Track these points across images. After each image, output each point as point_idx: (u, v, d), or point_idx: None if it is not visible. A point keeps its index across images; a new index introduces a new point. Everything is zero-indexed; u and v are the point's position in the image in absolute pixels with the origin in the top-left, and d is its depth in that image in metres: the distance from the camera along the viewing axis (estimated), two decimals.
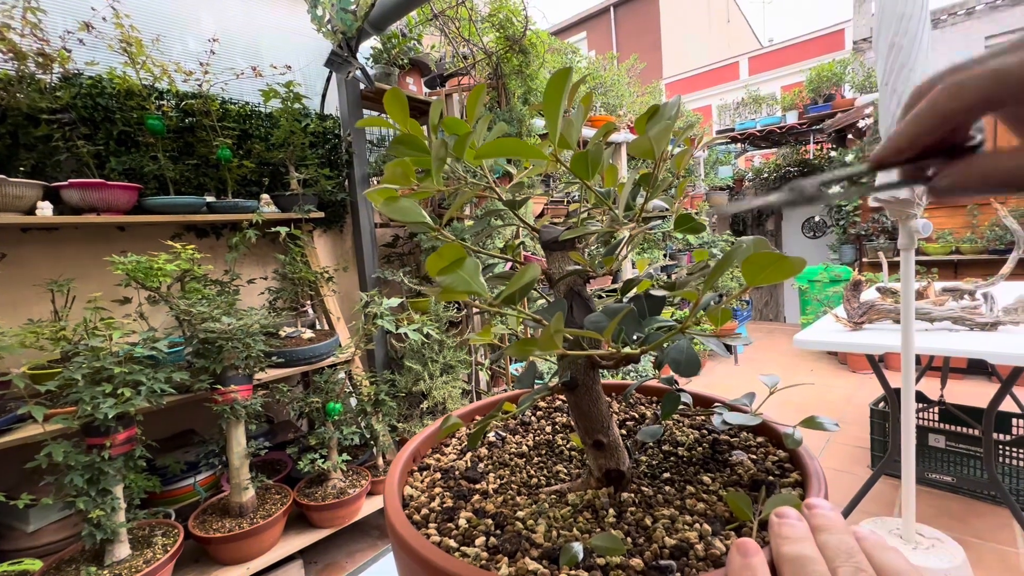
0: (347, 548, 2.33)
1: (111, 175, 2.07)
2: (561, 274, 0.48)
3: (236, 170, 2.34)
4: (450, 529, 0.44)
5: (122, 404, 1.53)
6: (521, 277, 0.30)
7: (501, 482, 0.53)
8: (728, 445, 0.55)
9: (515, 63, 2.83)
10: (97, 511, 1.52)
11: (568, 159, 0.43)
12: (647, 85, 5.32)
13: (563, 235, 0.43)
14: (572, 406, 0.49)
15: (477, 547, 0.41)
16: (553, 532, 0.43)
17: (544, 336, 0.29)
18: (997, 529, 2.16)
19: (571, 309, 0.47)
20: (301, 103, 2.48)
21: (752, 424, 0.49)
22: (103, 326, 1.67)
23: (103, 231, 2.16)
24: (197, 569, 1.83)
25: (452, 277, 0.32)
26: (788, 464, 0.49)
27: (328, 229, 2.93)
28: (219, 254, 2.47)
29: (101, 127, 2.06)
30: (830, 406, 3.77)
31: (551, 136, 0.38)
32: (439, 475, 0.54)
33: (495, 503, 0.48)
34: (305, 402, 2.15)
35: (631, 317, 0.38)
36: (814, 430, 0.48)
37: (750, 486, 0.47)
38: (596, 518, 0.46)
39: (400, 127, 0.42)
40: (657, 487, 0.49)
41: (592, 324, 0.38)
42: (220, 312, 1.86)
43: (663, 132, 0.34)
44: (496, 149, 0.36)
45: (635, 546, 0.40)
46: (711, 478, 0.49)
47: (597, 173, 0.40)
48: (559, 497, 0.50)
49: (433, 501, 0.49)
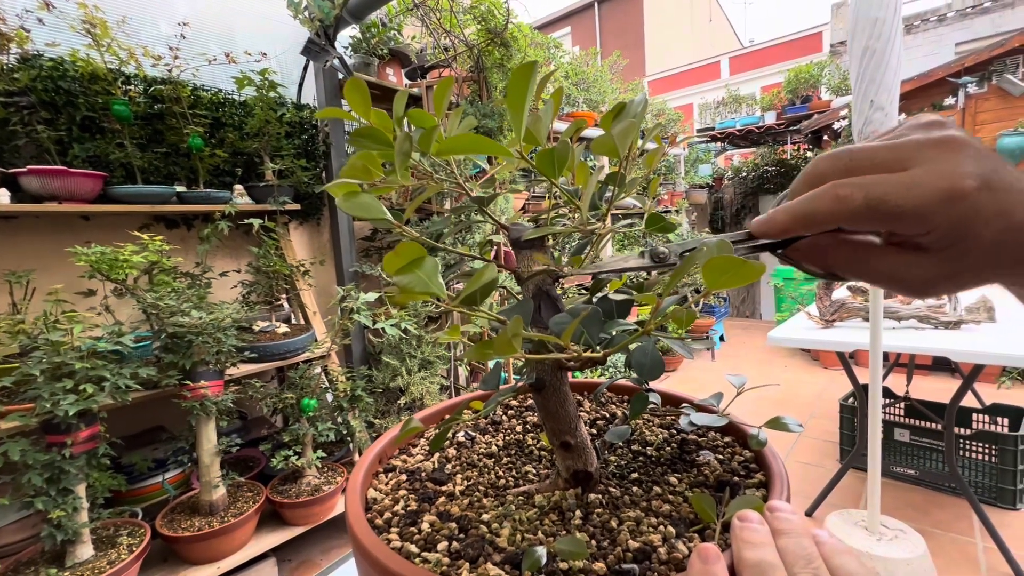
0: (322, 545, 2.30)
1: (74, 162, 1.99)
2: (529, 273, 0.47)
3: (208, 159, 2.27)
4: (412, 534, 0.43)
5: (84, 401, 1.47)
6: (479, 278, 0.29)
7: (468, 483, 0.53)
8: (696, 445, 0.55)
9: (497, 56, 2.80)
10: (57, 511, 1.46)
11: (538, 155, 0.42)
12: (629, 82, 5.34)
13: (527, 234, 0.42)
14: (539, 407, 0.48)
15: (439, 552, 0.40)
16: (517, 536, 0.42)
17: (501, 339, 0.28)
18: (956, 520, 2.25)
19: (539, 309, 0.46)
20: (277, 92, 2.42)
21: (718, 425, 0.49)
22: (64, 319, 1.60)
23: (66, 220, 2.08)
24: (166, 569, 1.79)
25: (410, 277, 0.31)
26: (753, 464, 0.49)
27: (304, 222, 2.87)
28: (190, 246, 2.40)
29: (63, 112, 1.97)
30: (802, 401, 3.86)
31: (515, 132, 0.37)
32: (404, 477, 0.53)
33: (460, 506, 0.47)
34: (279, 398, 2.11)
35: (595, 319, 0.37)
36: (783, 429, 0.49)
37: (716, 487, 0.47)
38: (562, 520, 0.45)
39: (363, 118, 0.40)
40: (625, 488, 0.49)
41: (556, 325, 0.37)
42: (190, 306, 1.81)
43: (627, 130, 0.33)
44: (457, 145, 0.35)
45: (599, 549, 0.40)
46: (678, 478, 0.49)
47: (567, 171, 0.39)
48: (526, 498, 0.49)
49: (397, 504, 0.48)
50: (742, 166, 7.18)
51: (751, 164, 7.05)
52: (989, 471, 2.35)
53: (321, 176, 2.77)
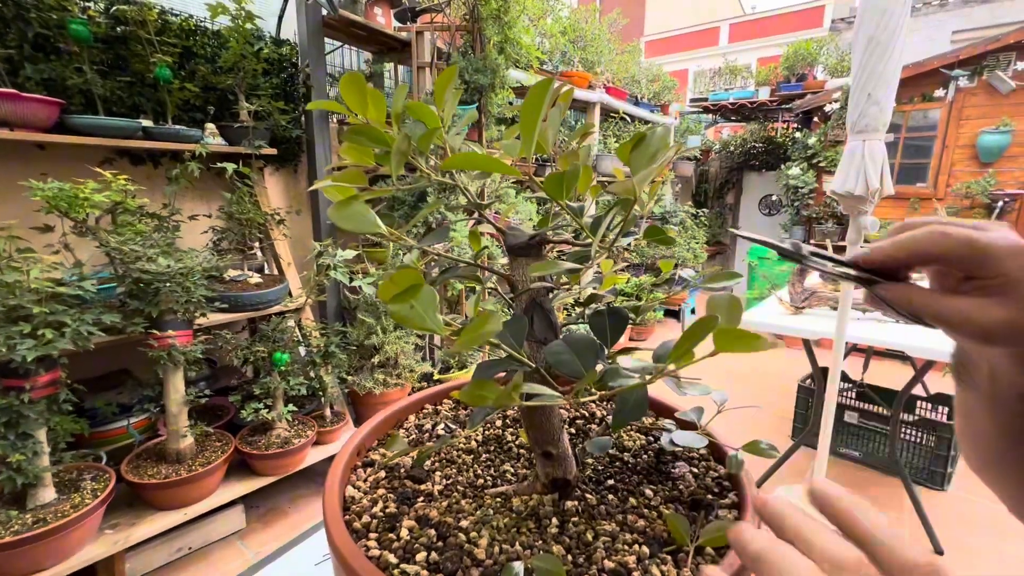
0: (290, 494, 2.35)
1: (26, 85, 1.82)
2: (525, 285, 0.45)
3: (177, 93, 2.11)
4: (391, 541, 0.43)
5: (43, 347, 1.42)
6: (481, 325, 0.28)
7: (447, 482, 0.53)
8: (672, 455, 0.56)
9: (494, 6, 2.64)
10: (17, 455, 1.43)
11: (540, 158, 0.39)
12: (627, 43, 5.15)
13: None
14: (525, 419, 0.48)
15: (418, 563, 0.40)
16: (495, 547, 0.42)
17: (502, 393, 0.27)
18: (891, 498, 2.43)
19: (531, 322, 0.45)
20: (254, 23, 2.24)
21: (700, 446, 0.50)
22: (20, 258, 1.51)
23: (18, 149, 1.93)
24: (131, 513, 1.79)
25: (406, 310, 0.29)
26: (727, 483, 0.51)
27: (281, 167, 2.74)
28: (157, 184, 2.27)
29: (12, 26, 1.78)
30: (764, 378, 4.03)
31: (525, 146, 0.35)
32: (383, 474, 0.53)
33: (439, 509, 0.48)
34: (250, 350, 2.08)
35: (590, 348, 0.37)
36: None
37: (690, 504, 0.48)
38: (539, 528, 0.46)
39: (359, 115, 0.37)
40: (601, 495, 0.50)
41: (553, 356, 0.36)
42: (157, 252, 1.73)
43: (647, 175, 0.32)
44: (464, 162, 0.32)
45: (575, 567, 0.41)
46: (653, 491, 0.50)
47: (572, 191, 0.37)
48: (504, 501, 0.50)
49: (376, 505, 0.48)
50: (731, 140, 7.14)
51: (739, 139, 7.01)
52: (925, 454, 2.53)
53: (300, 120, 2.63)
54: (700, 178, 7.35)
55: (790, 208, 5.91)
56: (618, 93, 4.61)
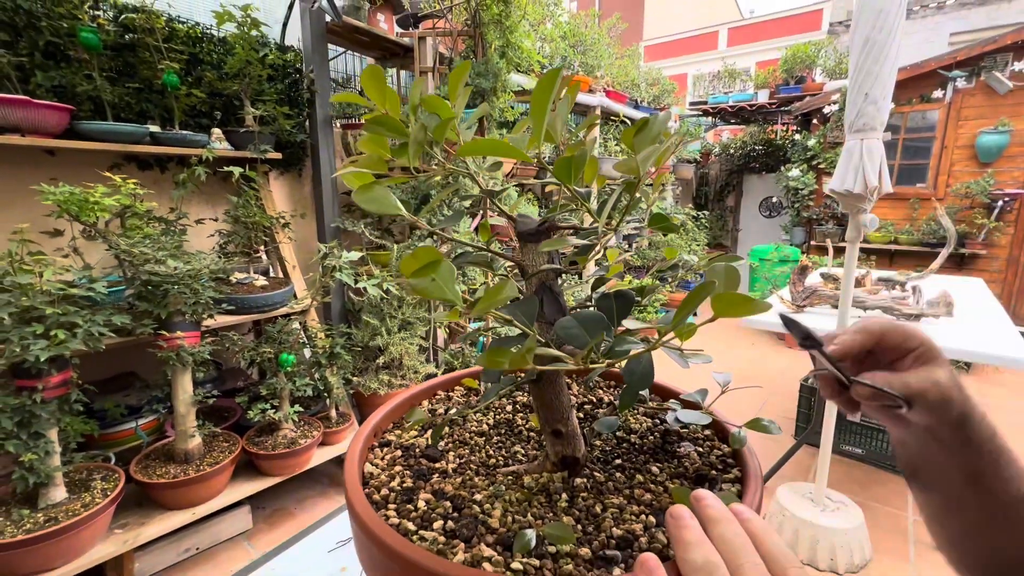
0: (296, 495, 2.36)
1: (38, 91, 1.86)
2: (535, 268, 0.47)
3: (184, 99, 2.15)
4: (409, 511, 0.45)
5: (55, 347, 1.44)
6: (498, 292, 0.30)
7: (460, 461, 0.55)
8: (678, 436, 0.58)
9: (495, 11, 2.68)
10: (29, 455, 1.46)
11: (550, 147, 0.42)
12: (627, 48, 5.20)
13: (544, 245, 0.42)
14: (535, 396, 0.50)
15: (435, 530, 0.42)
16: (508, 517, 0.44)
17: (517, 356, 0.29)
18: (892, 495, 2.44)
19: (542, 304, 0.47)
20: (259, 30, 2.28)
21: (703, 423, 0.52)
22: (32, 261, 1.54)
23: (29, 155, 1.96)
24: (140, 512, 1.81)
25: (426, 282, 0.31)
26: (731, 460, 0.53)
27: (285, 172, 2.78)
28: (164, 189, 2.30)
29: (24, 35, 1.82)
30: (766, 377, 4.04)
31: (535, 135, 0.37)
32: (399, 452, 0.55)
33: (454, 484, 0.50)
34: (256, 352, 2.10)
35: (599, 323, 0.39)
36: (755, 415, 0.52)
37: (694, 479, 0.50)
38: (550, 502, 0.48)
39: (378, 106, 0.39)
40: (609, 473, 0.52)
41: (563, 330, 0.38)
42: (166, 254, 1.75)
43: (650, 155, 0.34)
44: (477, 148, 0.35)
45: (585, 534, 0.43)
46: (659, 468, 0.52)
47: (579, 175, 0.39)
48: (515, 479, 0.52)
49: (393, 480, 0.50)
50: (730, 143, 7.17)
51: (739, 141, 7.05)
52: None
53: (304, 125, 2.66)
54: (700, 181, 7.38)
55: (790, 210, 5.93)
56: (618, 97, 4.65)
